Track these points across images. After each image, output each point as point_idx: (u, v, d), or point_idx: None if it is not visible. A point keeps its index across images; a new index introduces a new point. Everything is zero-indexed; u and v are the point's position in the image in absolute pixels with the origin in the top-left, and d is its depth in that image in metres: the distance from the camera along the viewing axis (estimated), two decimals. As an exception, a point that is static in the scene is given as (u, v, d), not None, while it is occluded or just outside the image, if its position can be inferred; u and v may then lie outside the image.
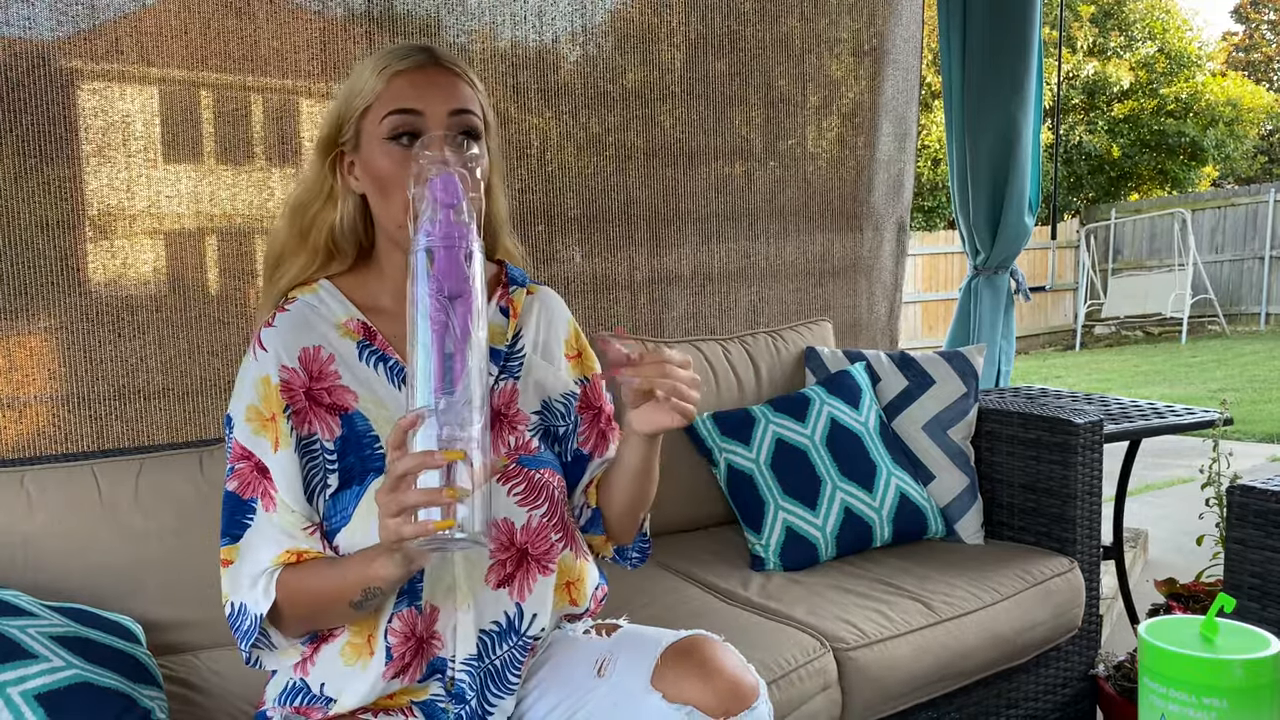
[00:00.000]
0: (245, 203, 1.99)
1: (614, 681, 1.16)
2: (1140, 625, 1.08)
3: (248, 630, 1.11)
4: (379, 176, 1.11)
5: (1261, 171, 18.22)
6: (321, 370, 1.15)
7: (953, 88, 3.18)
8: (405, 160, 1.09)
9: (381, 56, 1.13)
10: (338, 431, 1.14)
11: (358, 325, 1.17)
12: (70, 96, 1.80)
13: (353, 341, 1.17)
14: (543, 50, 2.37)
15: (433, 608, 1.15)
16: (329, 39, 2.04)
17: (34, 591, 1.45)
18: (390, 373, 1.16)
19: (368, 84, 1.12)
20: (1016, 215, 3.20)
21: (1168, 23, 16.21)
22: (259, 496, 1.12)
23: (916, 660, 1.73)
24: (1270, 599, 1.69)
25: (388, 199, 1.12)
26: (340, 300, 1.19)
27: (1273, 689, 0.97)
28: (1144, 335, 11.83)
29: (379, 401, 1.15)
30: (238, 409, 1.14)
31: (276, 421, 1.12)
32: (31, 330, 1.78)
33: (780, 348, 2.44)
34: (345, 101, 1.15)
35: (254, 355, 1.15)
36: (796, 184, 2.82)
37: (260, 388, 1.13)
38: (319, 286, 1.20)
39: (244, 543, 1.12)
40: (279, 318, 1.16)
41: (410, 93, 1.10)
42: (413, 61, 1.12)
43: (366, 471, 1.13)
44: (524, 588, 1.20)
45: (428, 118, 1.10)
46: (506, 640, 1.19)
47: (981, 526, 2.18)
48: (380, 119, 1.11)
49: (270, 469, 1.12)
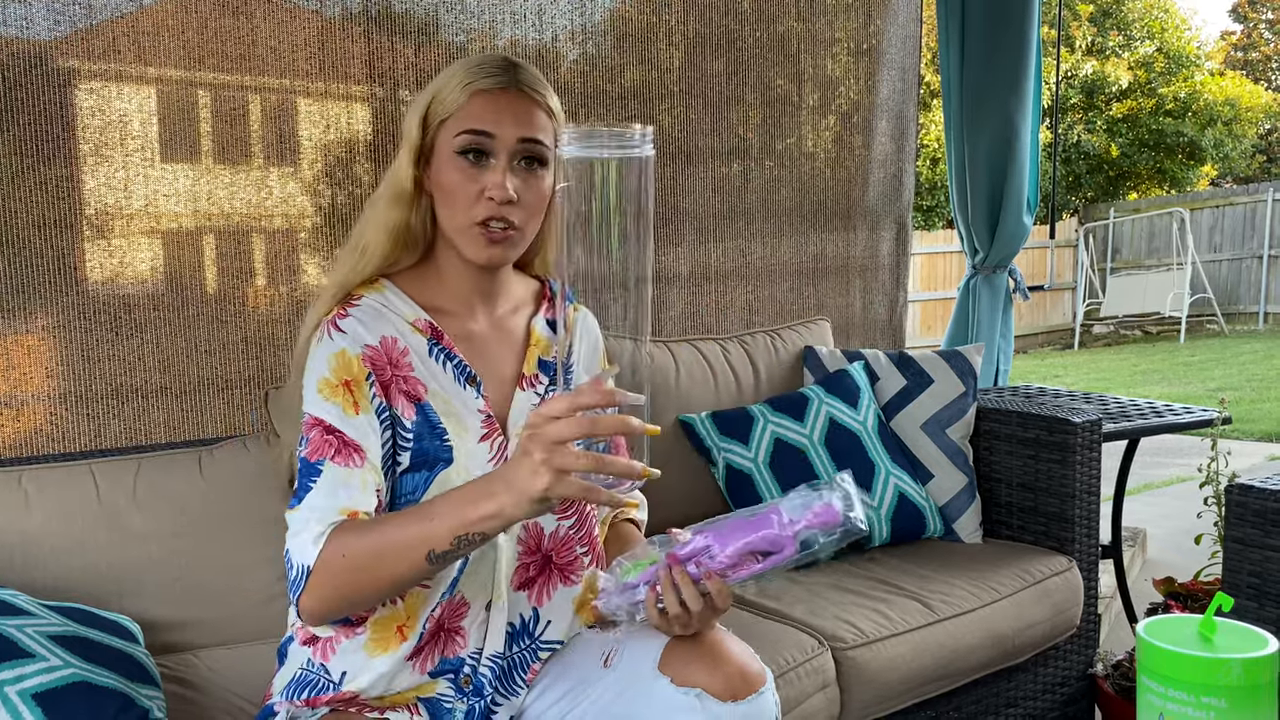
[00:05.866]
0: (243, 202, 1.99)
1: (620, 670, 1.18)
2: (1139, 624, 1.08)
3: (294, 580, 1.08)
4: (445, 186, 1.17)
5: (1260, 171, 18.23)
6: (398, 359, 1.18)
7: (951, 87, 3.18)
8: (470, 176, 1.15)
9: (469, 69, 1.18)
10: (414, 416, 1.17)
11: (425, 324, 1.21)
12: (67, 96, 1.80)
13: (423, 338, 1.21)
14: (542, 49, 2.37)
15: (464, 599, 1.18)
16: (326, 38, 2.04)
17: (32, 591, 1.44)
18: (456, 370, 1.21)
19: (451, 96, 1.17)
20: (1015, 214, 3.20)
21: (1166, 22, 16.21)
22: (325, 457, 1.11)
23: (915, 659, 1.73)
24: (1268, 598, 1.69)
25: (451, 208, 1.18)
26: (405, 300, 1.22)
27: (1271, 688, 0.97)
28: (1142, 334, 11.83)
29: (446, 397, 1.19)
30: (310, 385, 1.15)
31: (352, 388, 1.14)
32: (29, 329, 1.78)
33: (779, 347, 2.44)
34: (428, 107, 1.19)
35: (328, 336, 1.16)
36: (793, 183, 2.82)
37: (333, 360, 1.15)
38: (384, 286, 1.23)
39: (305, 503, 1.10)
40: (353, 311, 1.18)
41: (486, 114, 1.16)
42: (495, 82, 1.16)
43: (436, 460, 1.17)
44: (543, 593, 1.24)
45: (499, 141, 1.16)
46: (519, 641, 1.22)
47: (980, 526, 2.18)
48: (455, 134, 1.16)
49: (346, 431, 1.12)
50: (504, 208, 1.15)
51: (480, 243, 1.17)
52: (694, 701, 1.11)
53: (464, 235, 1.17)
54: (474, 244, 1.17)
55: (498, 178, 1.15)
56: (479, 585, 1.19)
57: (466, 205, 1.16)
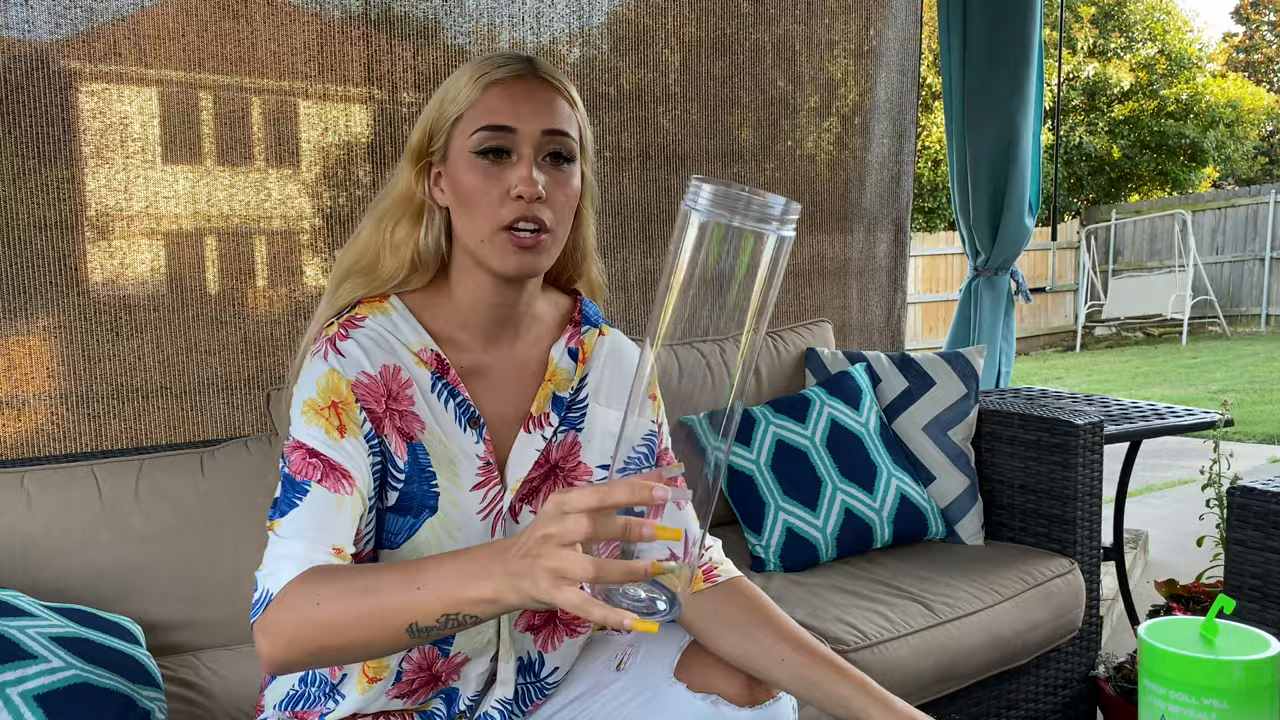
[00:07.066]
0: (243, 203, 1.99)
1: (634, 674, 1.15)
2: (1140, 626, 1.08)
3: (257, 601, 0.98)
4: (464, 192, 1.05)
5: (1262, 172, 18.22)
6: (400, 392, 1.07)
7: (953, 89, 3.18)
8: (492, 176, 1.03)
9: (479, 64, 1.06)
10: (406, 456, 1.06)
11: (431, 356, 1.09)
12: (69, 98, 1.80)
13: (427, 371, 1.08)
14: (540, 52, 2.37)
15: (464, 657, 1.11)
16: (326, 41, 2.04)
17: (33, 592, 1.45)
18: (458, 410, 1.09)
19: (462, 91, 1.05)
20: (1017, 216, 3.20)
21: (1168, 24, 16.23)
22: (312, 479, 1.01)
23: (917, 661, 1.73)
24: (1271, 600, 1.68)
25: (472, 216, 1.05)
26: (413, 325, 1.10)
27: (1273, 690, 0.96)
28: (1144, 336, 11.82)
29: (444, 438, 1.08)
30: (295, 406, 1.05)
31: (339, 410, 1.03)
32: (30, 330, 1.78)
33: (780, 349, 2.44)
34: (438, 109, 1.07)
35: (323, 355, 1.05)
36: (789, 185, 2.82)
37: (321, 381, 1.04)
38: (391, 306, 1.10)
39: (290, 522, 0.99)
40: (355, 334, 1.07)
41: (505, 107, 1.03)
42: (510, 70, 1.05)
43: (422, 508, 1.06)
44: (549, 642, 1.18)
45: (520, 135, 1.03)
46: (524, 675, 1.17)
47: (982, 528, 2.17)
48: (470, 132, 1.04)
49: (332, 456, 1.01)
50: (534, 206, 1.02)
51: (508, 249, 1.03)
52: (710, 707, 1.08)
53: (489, 245, 1.04)
54: (500, 252, 1.03)
55: (524, 172, 1.02)
56: (483, 643, 1.11)
57: (490, 210, 1.03)
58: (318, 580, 0.91)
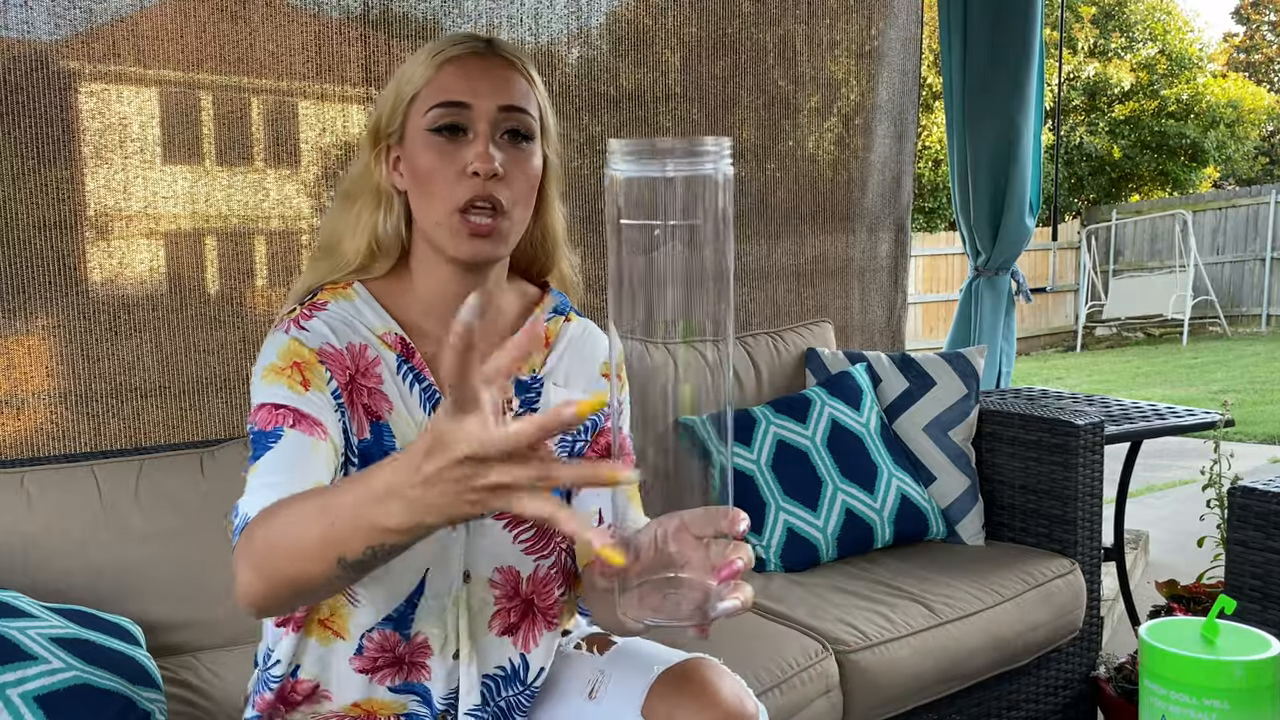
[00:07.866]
0: (242, 203, 1.99)
1: (604, 706, 1.11)
2: (1141, 627, 1.08)
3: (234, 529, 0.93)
4: (421, 172, 1.02)
5: (1262, 173, 18.21)
6: (369, 368, 1.06)
7: (953, 89, 3.18)
8: (447, 154, 1.01)
9: (436, 43, 1.05)
10: (366, 435, 1.04)
11: (396, 340, 1.08)
12: (68, 99, 1.80)
13: (393, 354, 1.08)
14: (540, 53, 2.37)
15: (425, 641, 1.10)
16: (324, 41, 2.04)
17: (33, 592, 1.44)
18: (423, 394, 1.07)
19: (418, 70, 1.03)
20: (1017, 216, 3.19)
21: (1169, 24, 16.23)
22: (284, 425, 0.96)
23: (918, 662, 1.73)
24: (1271, 601, 1.68)
25: (428, 198, 1.03)
26: (376, 310, 1.09)
27: (1273, 690, 0.96)
28: (1145, 336, 11.82)
29: (409, 421, 1.06)
30: (255, 376, 1.03)
31: (302, 369, 1.00)
32: (30, 330, 1.78)
33: (781, 349, 2.43)
34: (395, 89, 1.06)
35: (285, 331, 1.03)
36: (789, 185, 2.82)
37: (284, 348, 1.02)
38: (354, 292, 1.09)
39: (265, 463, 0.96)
40: (319, 315, 1.05)
41: (460, 84, 1.01)
42: (466, 48, 1.03)
43: None
44: (529, 640, 1.15)
45: (475, 111, 1.01)
46: (511, 686, 1.14)
47: (982, 528, 2.17)
48: (425, 110, 1.02)
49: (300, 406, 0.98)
50: (490, 184, 1.00)
51: (462, 235, 1.01)
52: None
53: (444, 228, 1.02)
54: (455, 238, 1.02)
55: (480, 148, 1.00)
56: (438, 628, 1.09)
57: (446, 189, 1.01)
58: (284, 503, 0.85)
